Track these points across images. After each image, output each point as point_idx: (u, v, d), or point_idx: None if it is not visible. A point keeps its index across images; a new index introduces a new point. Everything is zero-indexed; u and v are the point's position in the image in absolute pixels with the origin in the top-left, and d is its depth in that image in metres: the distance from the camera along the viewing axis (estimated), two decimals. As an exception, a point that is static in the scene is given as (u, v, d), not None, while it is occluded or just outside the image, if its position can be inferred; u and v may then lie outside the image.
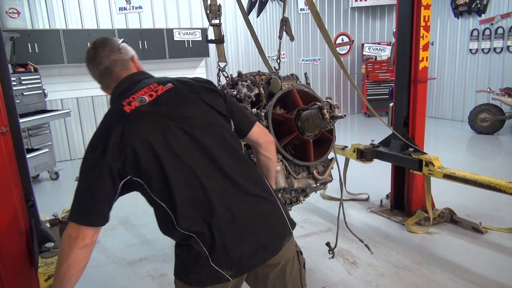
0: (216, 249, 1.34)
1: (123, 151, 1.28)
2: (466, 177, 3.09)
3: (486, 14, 8.09)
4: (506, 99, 7.12)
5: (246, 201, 1.40)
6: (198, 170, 1.34)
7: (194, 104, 1.41)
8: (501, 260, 3.06)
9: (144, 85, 1.43)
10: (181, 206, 1.32)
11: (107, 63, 1.48)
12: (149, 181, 1.33)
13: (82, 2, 6.97)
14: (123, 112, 1.33)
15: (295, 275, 1.54)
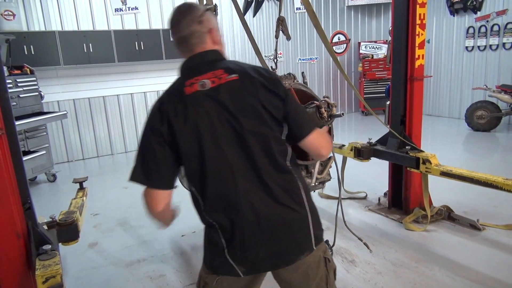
0: (233, 244, 1.40)
1: (171, 126, 1.37)
2: (463, 174, 3.09)
3: (482, 12, 8.11)
4: (502, 96, 7.14)
5: (274, 208, 1.40)
6: (236, 168, 1.38)
7: (250, 104, 1.39)
8: (499, 257, 3.08)
9: (211, 69, 1.43)
10: (210, 195, 1.41)
11: (185, 33, 1.47)
12: (187, 162, 1.42)
13: (77, 3, 6.95)
14: (183, 92, 1.40)
15: (319, 280, 1.53)
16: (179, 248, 3.57)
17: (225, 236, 1.41)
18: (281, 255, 1.44)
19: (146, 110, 7.93)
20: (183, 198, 5.10)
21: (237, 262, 1.42)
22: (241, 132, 1.38)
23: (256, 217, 1.38)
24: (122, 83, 7.55)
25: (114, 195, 5.24)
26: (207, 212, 1.44)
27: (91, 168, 6.87)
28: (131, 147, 7.88)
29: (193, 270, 3.19)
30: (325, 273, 1.54)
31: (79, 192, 3.00)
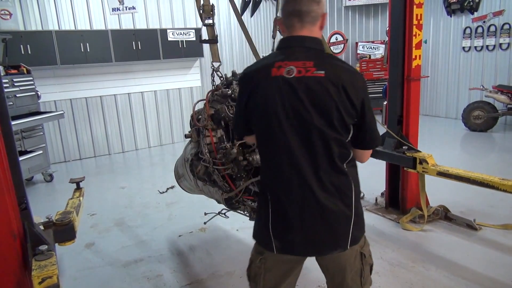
0: (277, 220, 1.54)
1: (249, 99, 1.54)
2: (460, 174, 3.11)
3: (479, 12, 8.15)
4: (499, 96, 7.17)
5: (321, 202, 1.49)
6: (296, 156, 1.48)
7: (325, 103, 1.43)
8: (495, 256, 3.09)
9: (304, 58, 1.46)
10: (269, 169, 1.57)
11: (304, 8, 1.48)
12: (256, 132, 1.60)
13: (74, 3, 6.92)
14: (270, 72, 1.48)
15: (354, 273, 1.65)
16: (176, 249, 3.56)
17: (274, 208, 1.55)
18: (315, 245, 1.54)
19: (143, 110, 7.92)
20: (181, 199, 5.13)
21: (275, 236, 1.55)
22: (308, 126, 1.45)
23: (303, 204, 1.49)
24: (119, 83, 7.54)
25: (111, 195, 5.23)
26: (265, 181, 1.60)
27: (88, 168, 6.86)
28: (128, 147, 7.87)
29: (190, 270, 3.18)
30: (360, 267, 1.66)
31: (76, 192, 2.99)
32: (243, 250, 3.45)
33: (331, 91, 1.42)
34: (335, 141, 1.47)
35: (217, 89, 2.47)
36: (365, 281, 1.69)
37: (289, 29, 1.53)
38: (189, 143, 2.88)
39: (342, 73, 1.45)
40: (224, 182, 2.40)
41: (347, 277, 1.64)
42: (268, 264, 1.65)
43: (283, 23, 1.56)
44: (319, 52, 1.51)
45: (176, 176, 3.36)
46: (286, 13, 1.53)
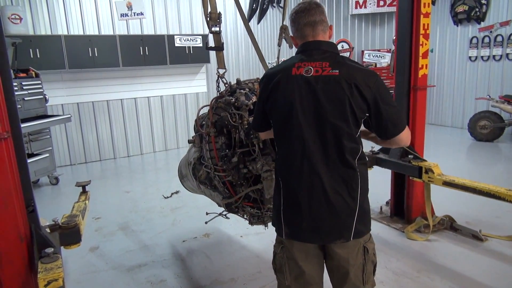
0: (288, 206, 1.69)
1: (270, 95, 1.69)
2: (466, 184, 3.09)
3: (485, 22, 8.14)
4: (505, 106, 7.13)
5: (329, 193, 1.61)
6: (309, 148, 1.61)
7: (339, 99, 1.57)
8: (501, 268, 3.06)
9: (322, 60, 1.63)
10: (283, 158, 1.71)
11: (316, 19, 1.68)
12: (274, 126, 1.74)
13: (84, 8, 7.01)
14: (290, 71, 1.65)
15: (357, 268, 1.72)
16: (180, 254, 3.56)
17: (284, 195, 1.70)
18: (320, 233, 1.65)
19: (149, 114, 7.96)
20: (185, 204, 5.13)
21: (286, 222, 1.70)
22: (323, 120, 1.59)
23: (311, 192, 1.62)
24: (126, 87, 7.60)
25: (116, 199, 5.25)
26: (279, 170, 1.74)
27: (94, 171, 6.89)
28: (134, 151, 7.90)
29: (193, 275, 3.18)
30: (362, 262, 1.73)
31: (81, 195, 3.01)
32: (247, 257, 3.44)
33: (344, 88, 1.56)
34: (346, 134, 1.59)
35: (221, 97, 2.49)
36: (367, 279, 1.75)
37: (303, 39, 1.71)
38: (193, 145, 2.91)
39: (355, 72, 1.59)
40: (225, 188, 2.42)
41: (350, 270, 1.71)
42: (288, 252, 1.75)
43: (297, 36, 1.74)
44: (334, 55, 1.66)
45: (180, 176, 3.40)
46: (300, 25, 1.70)
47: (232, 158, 2.27)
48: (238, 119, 2.31)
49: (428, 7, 3.49)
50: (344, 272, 1.72)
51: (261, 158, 2.23)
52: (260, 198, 2.39)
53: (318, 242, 1.69)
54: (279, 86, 1.65)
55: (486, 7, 8.07)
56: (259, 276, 3.10)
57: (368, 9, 9.86)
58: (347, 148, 1.60)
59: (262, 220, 2.59)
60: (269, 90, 1.69)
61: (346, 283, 1.74)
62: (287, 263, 1.76)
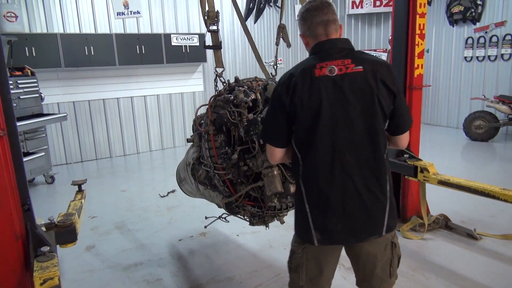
0: (318, 211, 1.63)
1: (294, 98, 1.58)
2: (461, 183, 3.11)
3: (481, 23, 8.19)
4: (500, 106, 7.19)
5: (362, 191, 1.61)
6: (340, 148, 1.58)
7: (368, 96, 1.58)
8: (495, 266, 3.09)
9: (341, 57, 1.61)
10: (310, 164, 1.63)
11: (330, 18, 1.65)
12: (299, 132, 1.63)
13: (80, 6, 6.99)
14: (313, 73, 1.58)
15: (384, 263, 1.76)
16: (176, 253, 3.57)
17: (311, 202, 1.64)
18: (355, 232, 1.64)
19: (145, 113, 7.95)
20: (182, 203, 5.13)
21: (316, 228, 1.64)
22: (354, 119, 1.57)
23: (344, 193, 1.60)
24: (123, 86, 7.58)
25: (112, 198, 5.24)
26: (303, 177, 1.66)
27: (89, 170, 6.87)
28: (130, 150, 7.89)
29: (190, 274, 3.18)
30: (390, 257, 1.77)
31: (77, 194, 3.00)
32: (243, 256, 3.45)
33: (371, 84, 1.57)
34: (378, 130, 1.60)
35: (219, 95, 2.49)
36: (393, 272, 1.80)
37: (316, 38, 1.68)
38: (191, 147, 2.90)
39: (378, 67, 1.60)
40: (225, 187, 2.42)
41: (378, 266, 1.74)
42: (309, 254, 1.73)
43: (308, 34, 1.70)
44: (351, 51, 1.65)
45: (178, 180, 3.38)
46: (312, 24, 1.66)
47: (232, 156, 2.27)
48: (237, 117, 2.31)
49: (424, 7, 3.51)
50: (371, 267, 1.75)
51: (261, 155, 2.22)
52: (261, 197, 2.38)
53: (352, 242, 1.69)
54: (303, 90, 1.58)
55: (482, 7, 8.11)
56: (255, 275, 3.11)
57: (365, 9, 9.89)
58: (379, 144, 1.62)
59: (263, 220, 2.57)
60: (290, 96, 1.59)
61: (373, 278, 1.77)
62: (305, 263, 1.74)
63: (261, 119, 2.24)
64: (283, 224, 2.69)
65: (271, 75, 2.96)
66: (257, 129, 2.16)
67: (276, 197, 2.27)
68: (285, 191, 2.24)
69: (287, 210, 2.59)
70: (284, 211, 2.55)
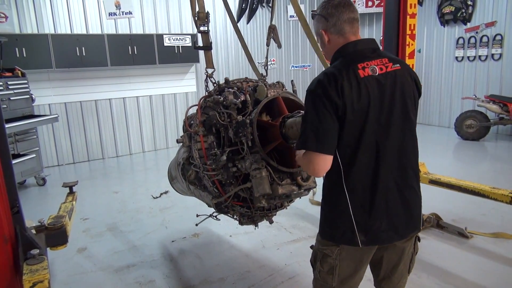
0: (362, 213, 1.60)
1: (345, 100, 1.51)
2: (452, 182, 3.14)
3: (471, 23, 8.27)
4: (491, 106, 7.26)
5: (403, 188, 1.63)
6: (387, 145, 1.58)
7: (408, 93, 1.62)
8: (486, 264, 3.12)
9: (378, 57, 1.62)
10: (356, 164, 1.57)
11: (356, 16, 1.66)
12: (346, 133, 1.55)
13: (71, 7, 6.94)
14: (358, 74, 1.55)
15: (407, 258, 1.78)
16: (169, 254, 3.55)
17: (355, 204, 1.60)
18: (398, 229, 1.64)
19: (138, 114, 7.91)
20: (175, 204, 5.11)
21: (360, 230, 1.60)
22: (397, 118, 1.59)
23: (387, 193, 1.60)
24: (115, 87, 7.54)
25: (104, 199, 5.21)
26: (347, 180, 1.60)
27: (82, 172, 6.82)
28: (123, 151, 7.85)
29: (182, 275, 3.17)
30: (412, 251, 1.79)
31: (68, 196, 2.99)
32: (236, 256, 3.45)
33: (409, 81, 1.63)
34: (415, 127, 1.67)
35: (209, 96, 2.49)
36: (412, 267, 1.83)
37: (344, 35, 1.65)
38: (182, 146, 2.90)
39: (408, 66, 1.68)
40: (214, 188, 2.42)
41: (402, 261, 1.76)
42: (343, 255, 1.69)
43: (332, 31, 1.66)
44: (380, 50, 1.67)
45: (170, 178, 3.38)
46: (339, 21, 1.63)
47: (221, 157, 2.27)
48: (226, 118, 2.31)
49: (414, 8, 3.53)
50: (396, 262, 1.77)
51: (249, 157, 2.23)
52: (250, 197, 2.39)
53: (396, 239, 1.68)
54: (351, 92, 1.52)
55: (472, 8, 8.19)
56: (248, 275, 3.11)
57: (357, 9, 9.93)
58: (416, 140, 1.68)
59: (252, 220, 2.59)
60: (341, 98, 1.52)
61: (396, 273, 1.79)
62: (339, 265, 1.70)
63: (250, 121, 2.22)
64: (272, 224, 2.69)
65: (262, 75, 2.96)
66: (245, 131, 2.16)
67: (264, 198, 2.27)
68: (273, 192, 2.25)
69: (276, 210, 2.60)
70: (273, 211, 2.57)
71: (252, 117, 2.24)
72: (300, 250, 3.43)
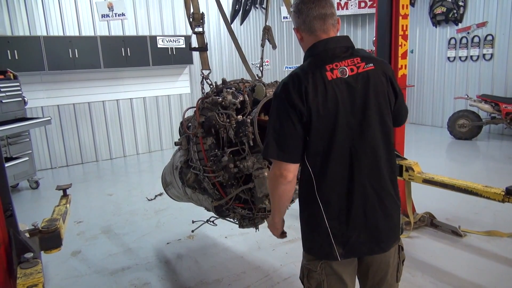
0: (338, 224, 1.51)
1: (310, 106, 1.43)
2: (445, 181, 3.16)
3: (463, 23, 8.35)
4: (483, 105, 7.34)
5: (381, 196, 1.53)
6: (360, 154, 1.48)
7: (382, 95, 1.52)
8: (480, 262, 3.15)
9: (350, 56, 1.51)
10: (328, 175, 1.48)
11: (328, 12, 1.52)
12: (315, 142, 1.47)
13: (63, 8, 6.90)
14: (325, 76, 1.46)
15: (393, 268, 1.69)
16: (164, 256, 3.54)
17: (330, 216, 1.51)
18: (380, 242, 1.56)
19: (132, 116, 7.88)
20: (169, 206, 5.09)
21: (338, 242, 1.52)
22: (371, 121, 1.49)
23: (365, 201, 1.50)
24: (108, 89, 7.50)
25: (98, 202, 5.18)
26: (320, 191, 1.51)
27: (75, 175, 6.78)
28: (117, 153, 7.81)
29: (177, 278, 3.17)
30: (397, 261, 1.70)
31: (62, 199, 2.96)
32: (231, 258, 3.45)
33: (383, 82, 1.52)
34: (391, 129, 1.56)
35: (207, 97, 2.48)
36: (399, 276, 1.73)
37: (314, 32, 1.54)
38: (177, 150, 2.88)
39: (384, 64, 1.56)
40: (215, 190, 2.41)
41: (389, 272, 1.67)
42: (328, 269, 1.59)
43: (303, 29, 1.56)
44: (354, 49, 1.56)
45: (164, 184, 3.35)
46: (308, 18, 1.52)
47: (222, 158, 2.25)
48: (225, 119, 2.30)
49: (406, 9, 3.56)
50: (383, 275, 1.66)
51: (251, 156, 2.22)
52: (251, 199, 2.38)
53: (377, 251, 1.58)
54: (317, 96, 1.43)
55: (463, 9, 8.28)
56: (243, 277, 3.11)
57: (350, 10, 9.99)
58: (392, 144, 1.57)
59: (253, 222, 2.56)
60: (305, 102, 1.43)
61: (383, 285, 1.68)
62: (326, 280, 1.59)
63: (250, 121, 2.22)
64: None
65: (257, 76, 2.96)
66: (246, 130, 2.16)
67: (267, 198, 2.27)
68: None
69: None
70: None
71: (252, 116, 2.23)
72: (296, 251, 3.43)
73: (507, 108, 7.05)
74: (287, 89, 1.47)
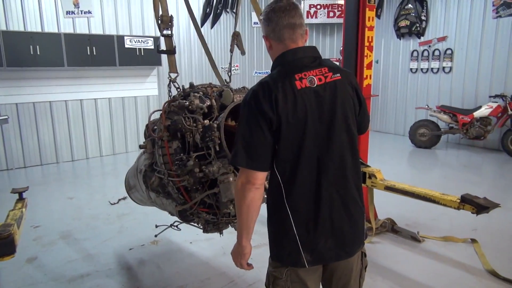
0: (306, 231, 1.53)
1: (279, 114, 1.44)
2: (405, 189, 3.28)
3: (425, 37, 8.74)
4: (441, 116, 7.70)
5: (347, 203, 1.57)
6: (327, 161, 1.51)
7: (348, 104, 1.55)
8: (437, 267, 3.28)
9: (318, 66, 1.54)
10: (297, 182, 1.50)
11: (297, 21, 1.54)
12: (284, 150, 1.48)
13: (25, 3, 6.59)
14: (294, 86, 1.47)
15: (356, 274, 1.71)
16: (126, 262, 3.44)
17: (299, 223, 1.53)
18: (345, 246, 1.59)
19: (96, 117, 7.64)
20: (133, 210, 4.97)
21: (305, 249, 1.54)
22: (338, 130, 1.52)
23: (331, 207, 1.53)
24: (71, 88, 7.24)
25: (58, 206, 4.97)
26: (289, 199, 1.53)
27: (33, 177, 6.47)
28: (79, 155, 7.54)
29: (140, 285, 3.09)
30: (360, 267, 1.73)
31: (18, 203, 2.81)
32: (196, 263, 3.40)
33: (349, 92, 1.57)
34: (356, 139, 1.59)
35: (174, 100, 2.45)
36: (362, 282, 1.76)
37: (283, 41, 1.56)
38: (142, 153, 2.82)
39: (349, 74, 1.61)
40: (179, 194, 2.37)
41: (352, 278, 1.69)
42: (293, 276, 1.60)
43: (272, 37, 1.57)
44: (321, 59, 1.59)
45: (127, 187, 3.27)
46: (278, 27, 1.54)
47: (188, 162, 2.23)
48: (192, 123, 2.28)
49: (372, 21, 3.69)
50: (346, 281, 1.68)
51: (217, 161, 2.21)
52: (216, 203, 2.36)
53: (344, 257, 1.61)
54: (287, 105, 1.44)
55: (426, 23, 8.67)
56: (208, 283, 3.07)
57: (319, 19, 10.21)
58: (357, 152, 1.61)
59: (218, 227, 2.55)
60: (275, 110, 1.44)
61: None
62: (291, 287, 1.61)
63: (217, 126, 2.21)
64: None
65: (225, 81, 2.96)
66: (213, 135, 2.15)
67: (231, 203, 2.26)
68: None
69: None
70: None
71: (219, 121, 2.23)
72: (261, 256, 3.41)
73: (463, 119, 7.43)
74: (256, 96, 1.47)
